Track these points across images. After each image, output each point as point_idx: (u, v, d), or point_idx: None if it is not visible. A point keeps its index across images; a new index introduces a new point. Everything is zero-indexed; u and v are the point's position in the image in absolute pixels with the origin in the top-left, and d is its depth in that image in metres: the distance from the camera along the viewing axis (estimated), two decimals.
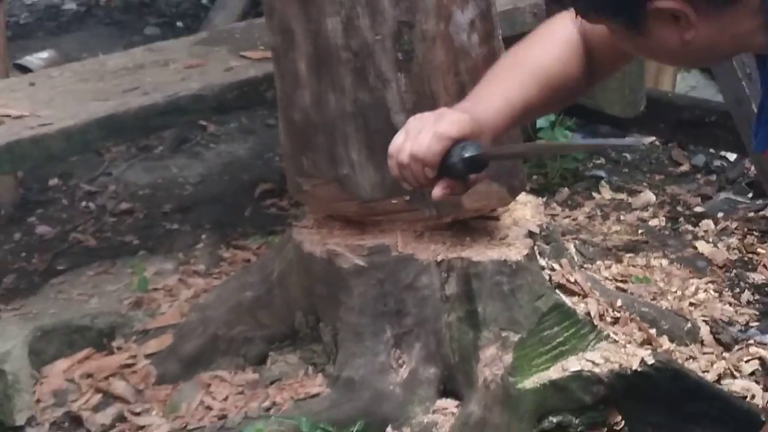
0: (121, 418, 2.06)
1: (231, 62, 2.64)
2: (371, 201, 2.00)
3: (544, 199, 2.71)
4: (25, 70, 3.44)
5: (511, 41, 1.73)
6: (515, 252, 1.97)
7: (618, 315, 2.15)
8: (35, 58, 3.75)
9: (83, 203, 3.09)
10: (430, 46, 1.88)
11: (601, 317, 2.08)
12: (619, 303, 2.19)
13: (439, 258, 1.97)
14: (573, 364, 1.95)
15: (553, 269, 2.08)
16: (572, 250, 2.39)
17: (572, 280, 2.09)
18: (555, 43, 1.60)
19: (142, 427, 2.04)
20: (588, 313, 2.05)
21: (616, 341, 2.02)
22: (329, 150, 1.99)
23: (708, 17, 1.22)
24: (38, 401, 2.13)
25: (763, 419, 2.00)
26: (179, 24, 4.30)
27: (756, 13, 1.23)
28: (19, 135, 2.18)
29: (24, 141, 2.17)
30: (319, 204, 2.14)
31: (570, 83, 1.57)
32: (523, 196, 2.15)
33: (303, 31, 1.92)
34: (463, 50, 1.90)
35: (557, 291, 2.03)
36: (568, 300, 2.03)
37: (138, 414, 2.08)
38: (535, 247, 2.04)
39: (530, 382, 1.93)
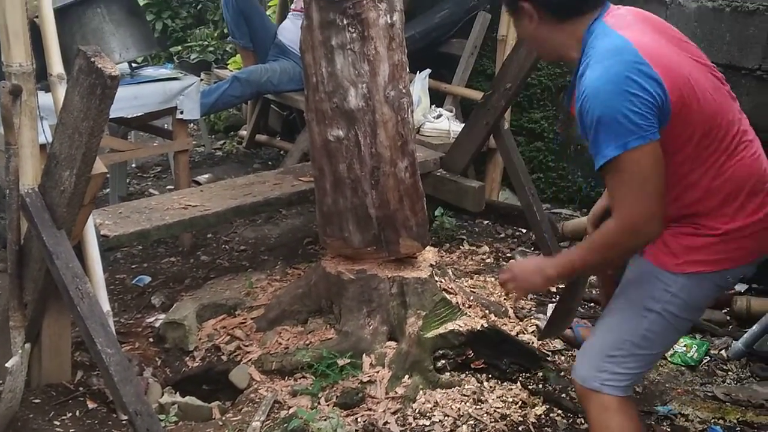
0: (238, 348, 3.08)
1: (294, 182, 3.63)
2: (358, 248, 3.01)
3: (438, 249, 3.56)
4: (197, 183, 4.35)
5: (423, 176, 3.06)
6: (424, 273, 3.03)
7: (470, 303, 3.13)
8: (202, 178, 4.84)
9: (223, 246, 4.28)
10: (387, 177, 2.91)
11: (463, 305, 3.07)
12: (471, 298, 3.18)
13: (389, 275, 2.99)
14: (450, 326, 2.96)
15: (441, 281, 3.09)
16: (450, 273, 3.27)
17: (450, 287, 3.11)
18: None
19: (249, 352, 3.03)
20: (456, 303, 3.05)
21: (469, 315, 3.03)
22: (339, 225, 3.00)
23: (544, 22, 1.96)
24: (200, 339, 3.14)
25: (537, 354, 3.05)
26: (269, 163, 5.54)
27: (575, 41, 1.95)
28: (194, 214, 3.23)
29: (196, 217, 3.22)
30: (334, 249, 3.11)
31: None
32: (428, 248, 3.16)
33: (328, 170, 2.95)
34: (402, 180, 2.94)
35: (443, 291, 3.04)
36: (448, 296, 3.04)
37: (247, 346, 3.08)
38: (433, 271, 3.06)
39: (430, 334, 2.93)
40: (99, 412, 2.75)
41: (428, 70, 4.61)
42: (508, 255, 4.13)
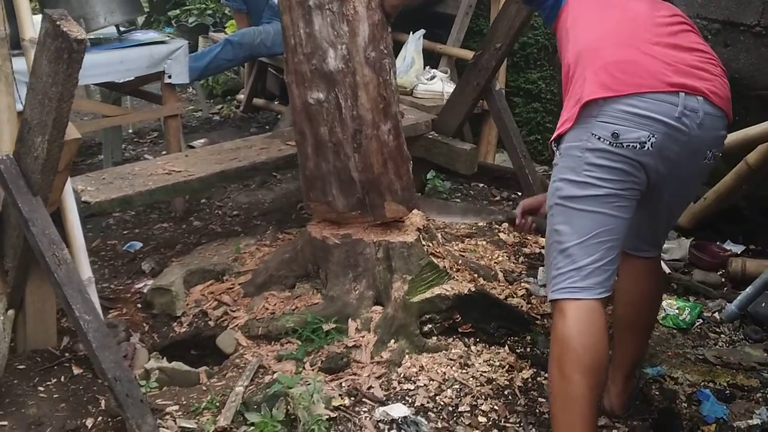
0: (225, 313, 3.07)
1: (281, 147, 3.64)
2: (343, 213, 2.98)
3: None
4: (192, 148, 4.34)
5: (411, 140, 3.02)
6: (410, 237, 3.00)
7: (459, 267, 3.13)
8: (198, 143, 5.01)
9: (215, 211, 4.32)
10: (369, 140, 2.85)
11: (450, 268, 3.07)
12: (459, 262, 3.17)
13: (375, 240, 2.96)
14: (436, 290, 2.95)
15: (428, 245, 3.08)
16: (439, 237, 3.27)
17: (438, 251, 3.11)
18: None
19: (235, 317, 3.03)
20: (444, 267, 3.05)
21: (457, 279, 3.02)
22: (322, 189, 2.97)
23: None
24: (187, 304, 3.15)
25: (526, 317, 3.05)
26: (266, 127, 5.45)
27: None
28: (177, 179, 3.22)
29: (180, 182, 3.21)
30: (318, 214, 3.10)
31: None
32: (415, 212, 3.14)
33: (309, 133, 2.91)
34: (385, 143, 2.88)
35: (430, 255, 3.03)
36: (435, 260, 3.04)
37: (234, 311, 3.08)
38: (420, 235, 3.05)
39: (416, 299, 2.92)
40: (84, 377, 2.74)
41: (422, 31, 4.53)
42: (500, 218, 4.06)
